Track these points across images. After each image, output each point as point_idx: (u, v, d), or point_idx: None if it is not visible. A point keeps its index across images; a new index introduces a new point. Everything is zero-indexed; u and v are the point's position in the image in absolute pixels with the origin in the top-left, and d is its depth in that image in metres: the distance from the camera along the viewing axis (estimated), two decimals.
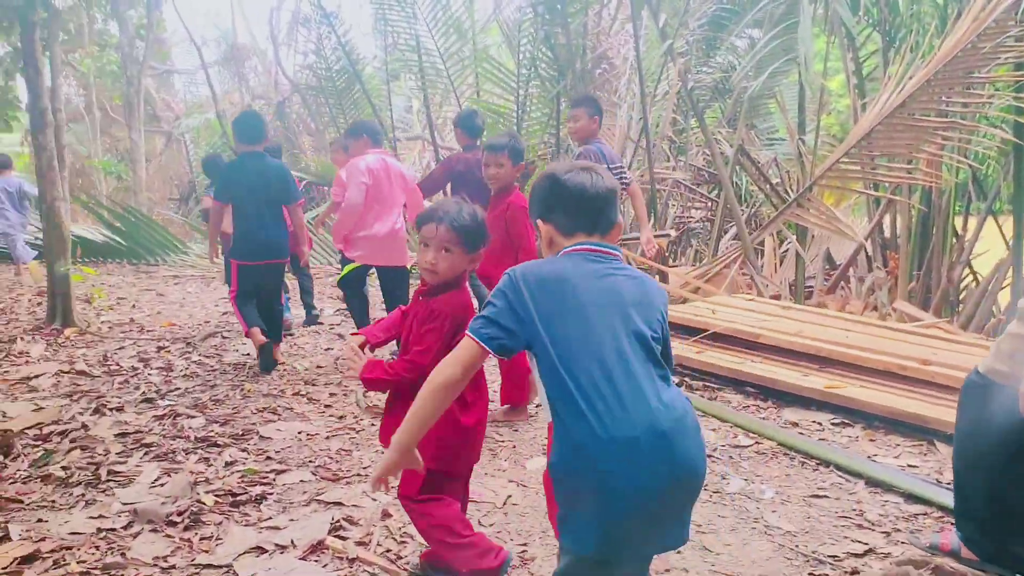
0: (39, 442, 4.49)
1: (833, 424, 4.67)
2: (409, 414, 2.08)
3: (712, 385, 5.44)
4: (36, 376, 5.79)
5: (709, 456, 4.18)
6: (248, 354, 6.41)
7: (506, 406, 4.88)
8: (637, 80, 11.49)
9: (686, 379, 5.59)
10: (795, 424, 4.68)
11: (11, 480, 3.99)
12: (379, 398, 5.14)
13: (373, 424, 4.74)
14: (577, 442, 1.90)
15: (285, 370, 6.00)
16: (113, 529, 3.41)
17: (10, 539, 3.33)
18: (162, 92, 25.70)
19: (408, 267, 6.19)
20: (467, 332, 2.06)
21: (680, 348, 5.93)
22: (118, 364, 6.13)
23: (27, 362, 6.24)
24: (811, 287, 10.31)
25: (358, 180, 5.80)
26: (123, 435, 4.58)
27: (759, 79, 10.38)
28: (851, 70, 9.60)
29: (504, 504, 3.63)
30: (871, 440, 4.43)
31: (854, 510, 3.56)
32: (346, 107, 15.95)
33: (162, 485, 3.85)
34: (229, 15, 44.78)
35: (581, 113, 5.75)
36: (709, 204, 13.17)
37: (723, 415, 4.77)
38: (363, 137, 6.21)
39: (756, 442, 4.39)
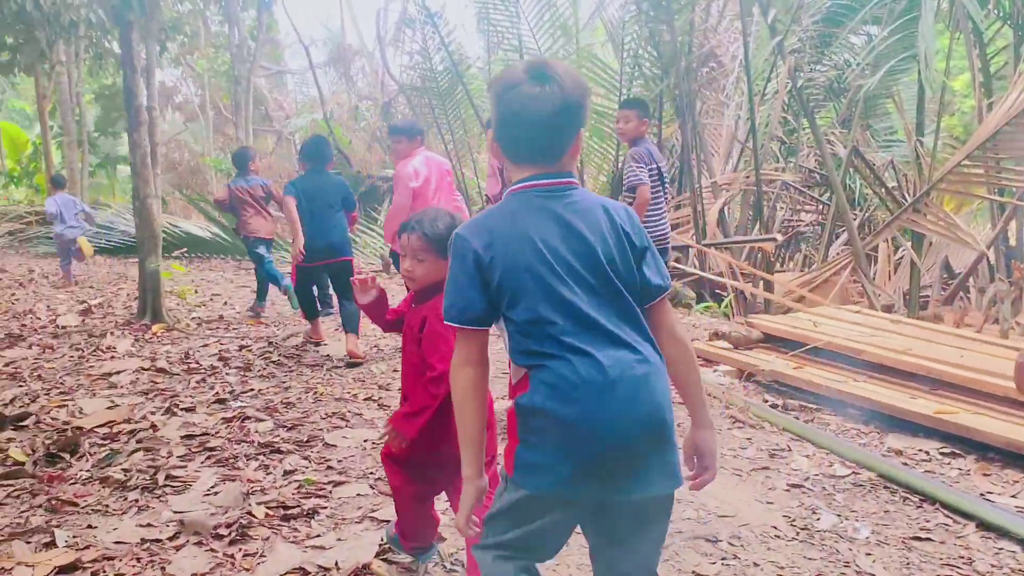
0: (107, 441, 4.45)
1: (942, 454, 4.23)
2: (460, 442, 1.92)
3: (809, 405, 5.03)
4: (117, 372, 5.82)
5: (799, 486, 3.83)
6: (328, 356, 6.33)
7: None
8: (745, 78, 11.03)
9: (782, 396, 5.21)
10: (899, 452, 4.26)
11: (72, 481, 3.94)
12: None
13: None
14: (551, 384, 1.80)
15: (361, 373, 5.87)
16: (159, 540, 3.29)
17: (55, 545, 3.25)
18: (275, 92, 26.33)
19: None
20: (452, 324, 1.88)
21: (777, 363, 5.54)
22: (198, 362, 6.11)
23: (112, 357, 6.29)
24: (927, 297, 9.69)
25: (406, 183, 6.07)
26: (189, 437, 4.50)
27: (875, 77, 9.81)
28: (977, 67, 8.94)
29: None
30: (985, 475, 3.98)
31: (961, 558, 3.15)
32: (448, 108, 15.91)
33: (216, 493, 3.73)
34: (339, 16, 45.62)
35: (632, 115, 5.73)
36: (820, 207, 12.57)
37: (818, 440, 4.37)
38: (416, 138, 6.39)
39: (853, 472, 3.98)
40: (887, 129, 12.97)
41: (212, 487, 3.82)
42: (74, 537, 3.33)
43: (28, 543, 3.29)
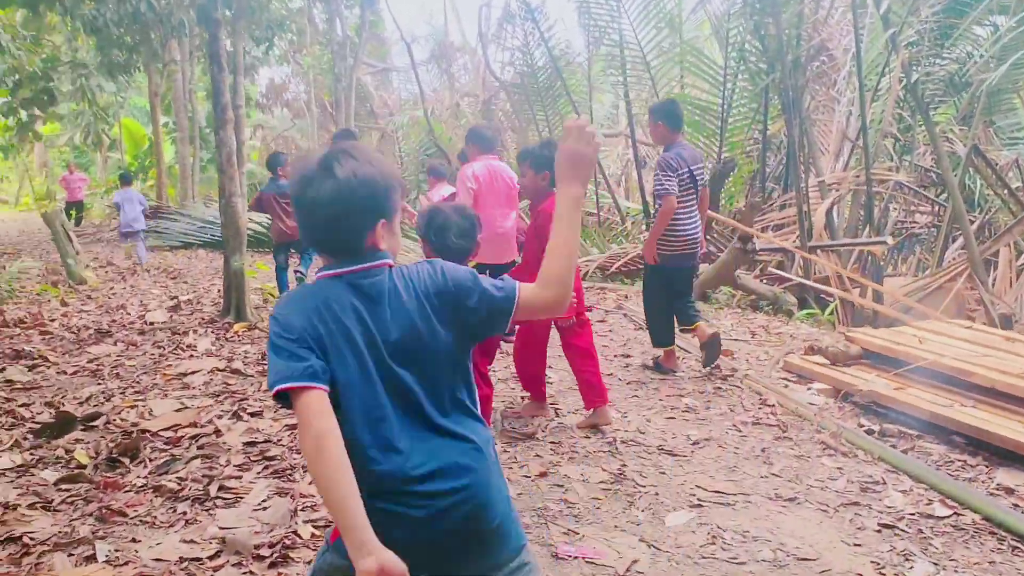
0: (168, 446, 4.39)
1: None
2: (332, 514, 1.65)
3: (909, 431, 4.58)
4: (193, 372, 5.80)
5: (892, 527, 3.45)
6: None
7: (590, 411, 4.72)
8: (857, 73, 10.43)
9: (880, 420, 4.79)
10: (1009, 491, 3.81)
11: (127, 489, 3.87)
12: (516, 423, 4.72)
13: (506, 451, 4.30)
14: (369, 481, 1.69)
15: None
16: (198, 559, 3.16)
17: (95, 559, 3.17)
18: (380, 90, 26.59)
19: (514, 261, 6.27)
20: (284, 387, 1.63)
21: (876, 383, 5.12)
22: None
23: (191, 356, 6.29)
24: None
25: (466, 186, 6.11)
26: (251, 444, 4.40)
27: (1000, 70, 9.14)
28: None
29: (627, 570, 3.07)
30: None
31: None
32: (547, 104, 15.70)
33: (265, 508, 3.60)
34: (442, 13, 45.83)
35: (649, 121, 5.92)
36: (936, 209, 11.83)
37: (917, 473, 3.96)
38: (472, 144, 6.46)
39: (955, 513, 3.57)
40: (1012, 126, 12.14)
41: (263, 501, 3.69)
42: (116, 551, 3.24)
43: (70, 556, 3.23)
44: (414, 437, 1.72)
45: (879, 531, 3.42)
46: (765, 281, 10.00)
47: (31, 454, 4.36)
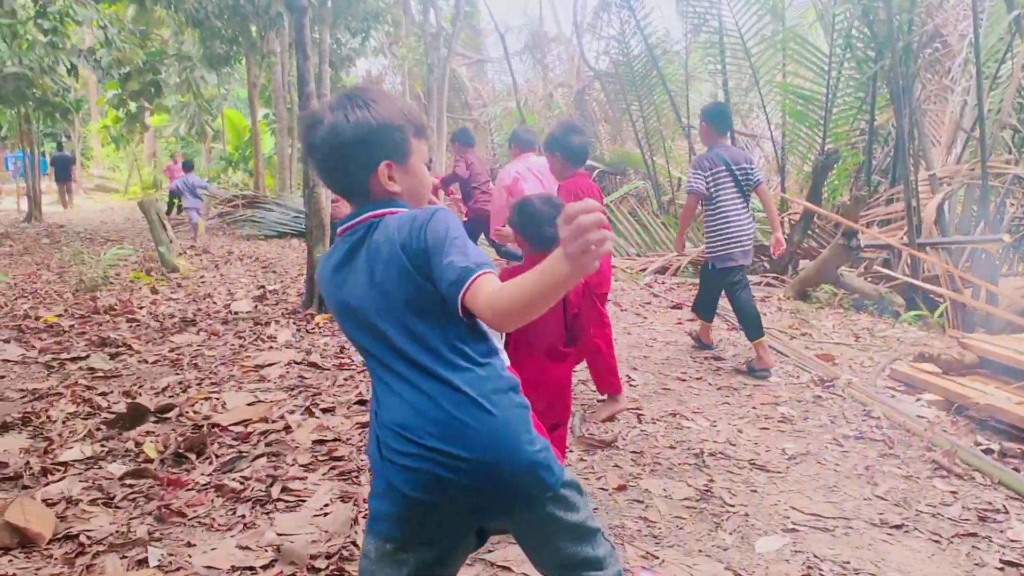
0: (236, 442, 4.27)
1: None
2: None
3: None
4: (270, 364, 5.69)
5: (1017, 565, 3.05)
6: None
7: (604, 397, 4.76)
8: (974, 59, 9.77)
9: (1000, 439, 4.35)
10: None
11: (189, 487, 3.74)
12: (594, 429, 4.44)
13: (583, 459, 4.03)
14: (381, 437, 1.76)
15: None
16: (251, 568, 2.99)
17: (147, 565, 3.03)
18: (475, 81, 26.52)
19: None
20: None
21: (996, 396, 4.66)
22: (351, 357, 5.90)
23: (271, 348, 6.20)
24: None
25: (500, 186, 6.38)
26: (320, 443, 4.24)
27: None
28: None
29: None
30: None
31: None
32: (641, 94, 15.31)
33: (326, 514, 3.41)
34: (538, 3, 45.55)
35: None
36: None
37: None
38: (513, 146, 6.69)
39: None
40: None
41: (324, 506, 3.51)
42: (169, 555, 3.10)
43: (123, 558, 3.09)
44: (410, 391, 1.69)
45: (1001, 569, 3.02)
46: (870, 279, 9.47)
47: (102, 446, 4.29)
